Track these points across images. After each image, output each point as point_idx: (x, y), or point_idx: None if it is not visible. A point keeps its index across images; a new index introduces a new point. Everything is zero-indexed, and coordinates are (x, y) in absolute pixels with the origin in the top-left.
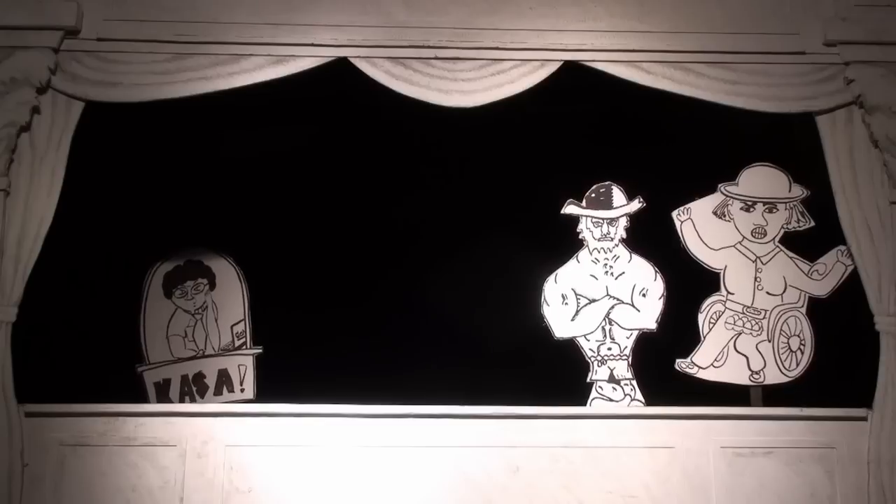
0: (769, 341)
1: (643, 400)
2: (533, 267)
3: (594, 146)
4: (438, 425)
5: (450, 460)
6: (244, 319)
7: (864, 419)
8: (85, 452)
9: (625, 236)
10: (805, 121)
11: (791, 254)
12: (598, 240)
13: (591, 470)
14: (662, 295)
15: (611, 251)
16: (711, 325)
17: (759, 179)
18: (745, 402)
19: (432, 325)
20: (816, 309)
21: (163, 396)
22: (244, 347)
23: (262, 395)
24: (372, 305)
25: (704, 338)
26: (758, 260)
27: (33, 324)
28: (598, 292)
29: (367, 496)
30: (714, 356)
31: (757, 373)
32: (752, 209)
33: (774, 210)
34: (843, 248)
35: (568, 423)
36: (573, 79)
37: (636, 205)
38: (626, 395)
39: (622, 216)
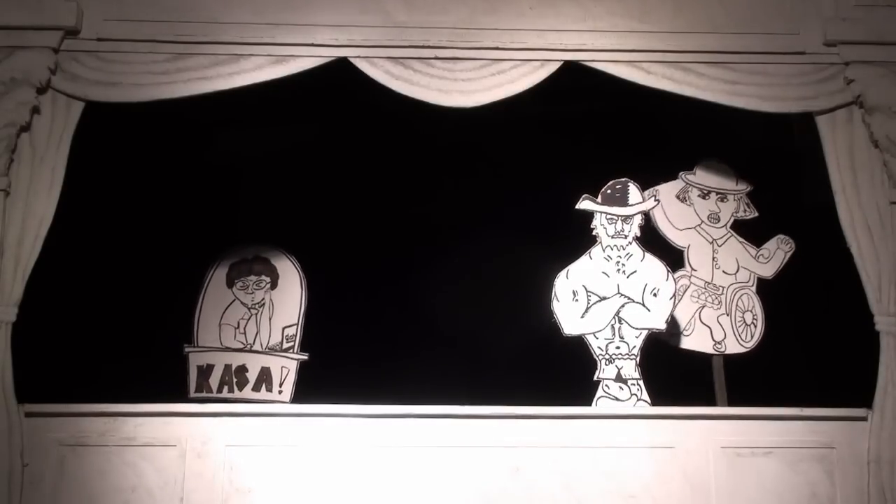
0: (727, 315)
1: (649, 400)
2: (536, 266)
3: (594, 146)
4: (439, 425)
5: (450, 460)
6: (297, 324)
7: (864, 419)
8: (84, 452)
9: (639, 234)
10: (803, 120)
11: (741, 239)
12: (612, 237)
13: (591, 470)
14: (673, 295)
15: (624, 249)
16: (679, 298)
17: (712, 172)
18: (708, 372)
19: (436, 325)
20: (813, 300)
21: (203, 380)
22: (291, 351)
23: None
24: (376, 304)
25: (674, 308)
26: (714, 242)
27: (33, 324)
28: (609, 290)
29: (367, 496)
30: (683, 325)
31: (719, 343)
32: (707, 197)
33: (725, 200)
34: (783, 236)
35: (568, 423)
36: (573, 79)
37: (651, 203)
38: (632, 394)
39: (637, 214)
